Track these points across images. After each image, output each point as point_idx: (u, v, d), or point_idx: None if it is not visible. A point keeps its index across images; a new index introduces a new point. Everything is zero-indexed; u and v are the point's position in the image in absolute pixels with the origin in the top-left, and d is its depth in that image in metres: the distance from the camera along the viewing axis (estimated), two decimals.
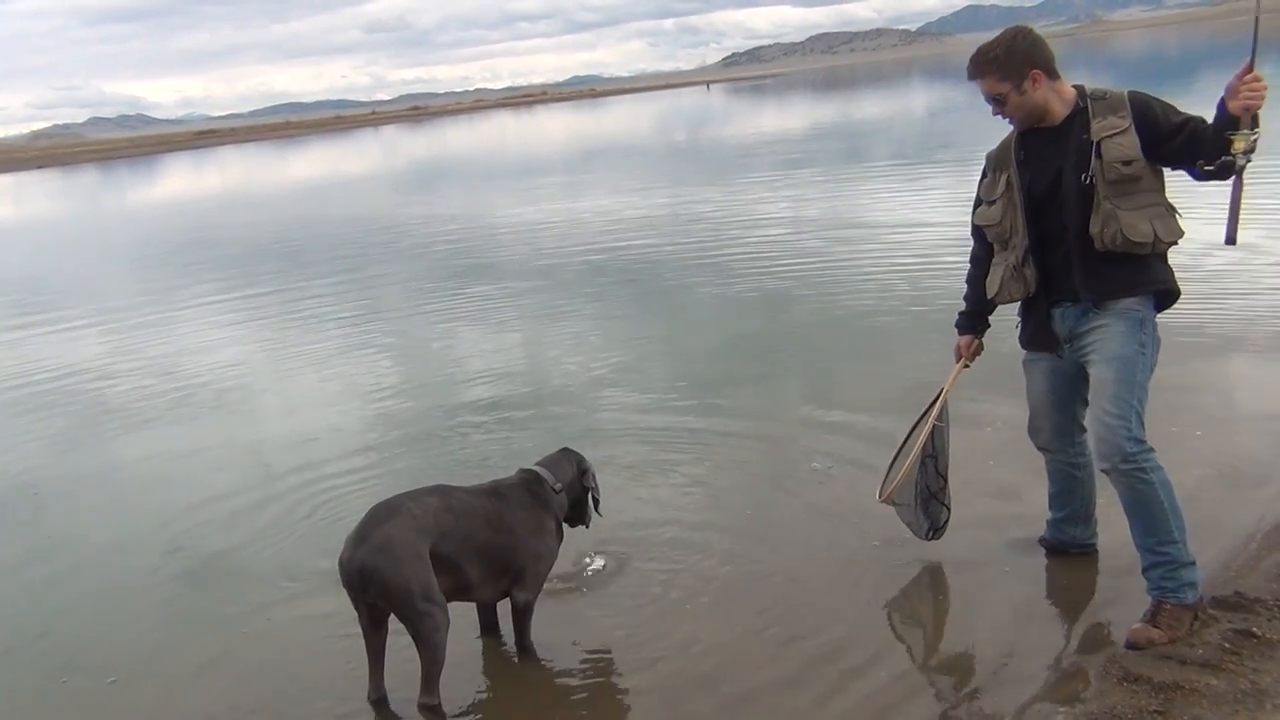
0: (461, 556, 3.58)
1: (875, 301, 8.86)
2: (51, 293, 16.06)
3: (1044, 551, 4.18)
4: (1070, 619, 3.79)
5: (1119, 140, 3.42)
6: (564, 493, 3.90)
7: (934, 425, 4.13)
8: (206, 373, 9.17)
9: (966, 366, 4.16)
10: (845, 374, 6.99)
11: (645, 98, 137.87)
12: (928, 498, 4.18)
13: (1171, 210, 3.50)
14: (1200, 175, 3.36)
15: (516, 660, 3.87)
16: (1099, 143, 3.44)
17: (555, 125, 75.15)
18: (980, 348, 4.13)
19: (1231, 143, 3.21)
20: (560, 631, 4.00)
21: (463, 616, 3.83)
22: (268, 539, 5.25)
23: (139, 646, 4.34)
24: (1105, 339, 3.54)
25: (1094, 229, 3.45)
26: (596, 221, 16.52)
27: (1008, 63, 3.52)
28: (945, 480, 4.20)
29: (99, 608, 4.75)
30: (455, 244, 16.28)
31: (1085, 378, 3.71)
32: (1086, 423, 3.55)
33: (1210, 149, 3.27)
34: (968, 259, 4.05)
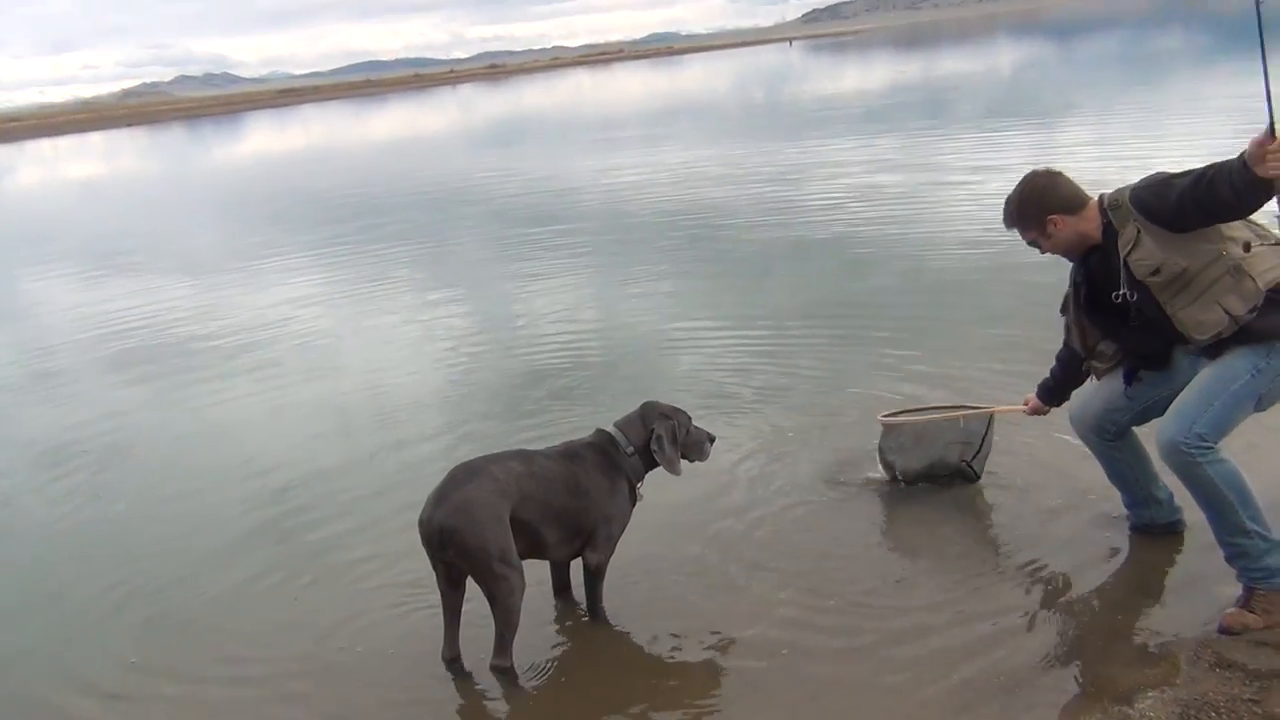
0: (540, 522, 3.61)
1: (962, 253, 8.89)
2: (141, 245, 16.51)
3: (1130, 531, 4.07)
4: (1160, 601, 3.68)
5: (1136, 255, 3.39)
6: (636, 455, 3.86)
7: (960, 418, 4.53)
8: (286, 324, 9.40)
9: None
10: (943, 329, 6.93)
11: (726, 55, 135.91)
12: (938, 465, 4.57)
13: (1239, 272, 3.26)
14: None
15: (588, 623, 3.88)
16: (1125, 260, 3.41)
17: (633, 84, 74.77)
18: (1046, 413, 4.21)
19: None
20: (639, 599, 4.01)
21: (538, 580, 3.85)
22: (344, 494, 5.35)
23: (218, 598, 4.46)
24: (1222, 357, 3.41)
25: (1179, 329, 3.39)
26: (687, 173, 16.45)
27: (1023, 218, 3.64)
28: (969, 470, 4.55)
29: (172, 563, 4.83)
30: (533, 198, 16.37)
31: (1157, 407, 3.63)
32: None
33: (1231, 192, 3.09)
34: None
